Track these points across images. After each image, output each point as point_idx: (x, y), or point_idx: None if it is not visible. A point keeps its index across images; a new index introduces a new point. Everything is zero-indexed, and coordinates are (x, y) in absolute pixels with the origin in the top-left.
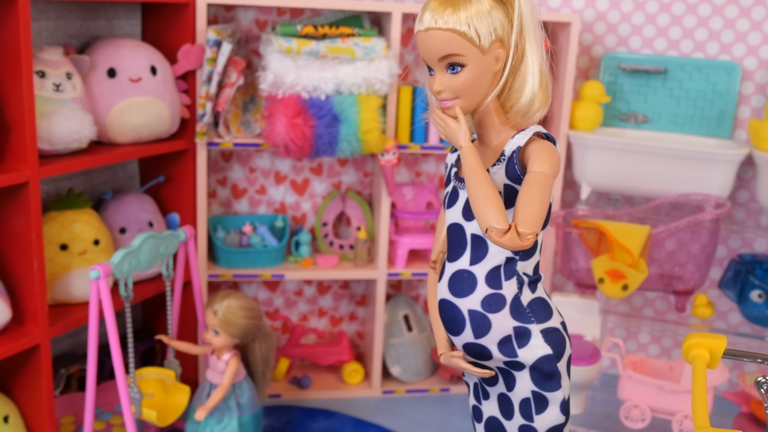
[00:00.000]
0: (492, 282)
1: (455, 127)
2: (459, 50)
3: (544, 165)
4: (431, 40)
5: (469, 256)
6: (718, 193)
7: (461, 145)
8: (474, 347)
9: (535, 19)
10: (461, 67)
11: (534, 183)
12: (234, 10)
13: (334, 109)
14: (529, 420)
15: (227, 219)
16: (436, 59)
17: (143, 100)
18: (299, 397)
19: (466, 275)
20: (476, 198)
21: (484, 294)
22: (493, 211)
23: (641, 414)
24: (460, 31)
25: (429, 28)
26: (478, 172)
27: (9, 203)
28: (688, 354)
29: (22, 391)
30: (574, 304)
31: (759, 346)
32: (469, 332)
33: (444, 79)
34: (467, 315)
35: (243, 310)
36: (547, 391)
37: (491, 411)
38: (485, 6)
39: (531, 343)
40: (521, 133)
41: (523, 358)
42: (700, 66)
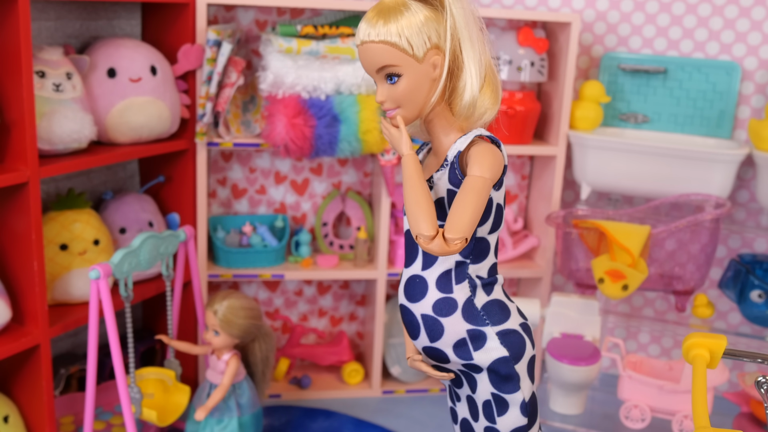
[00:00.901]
0: (442, 286)
1: (397, 136)
2: (393, 61)
3: (483, 168)
4: (367, 53)
5: (421, 262)
6: (718, 193)
7: (403, 152)
8: (431, 351)
9: (471, 22)
10: (398, 77)
11: (468, 187)
12: (234, 10)
13: (334, 109)
14: (491, 422)
15: (227, 219)
16: (374, 71)
17: (143, 100)
18: (299, 397)
19: (418, 280)
20: (409, 205)
21: (435, 298)
22: (423, 217)
23: (641, 414)
24: (391, 42)
25: (363, 41)
26: (414, 180)
27: (9, 203)
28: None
29: (22, 391)
30: (574, 304)
31: (759, 346)
32: (424, 336)
33: (384, 89)
34: (420, 319)
35: (243, 310)
36: (505, 393)
37: (463, 413)
38: (418, 16)
39: (486, 346)
40: (463, 137)
41: (479, 360)
42: (700, 66)
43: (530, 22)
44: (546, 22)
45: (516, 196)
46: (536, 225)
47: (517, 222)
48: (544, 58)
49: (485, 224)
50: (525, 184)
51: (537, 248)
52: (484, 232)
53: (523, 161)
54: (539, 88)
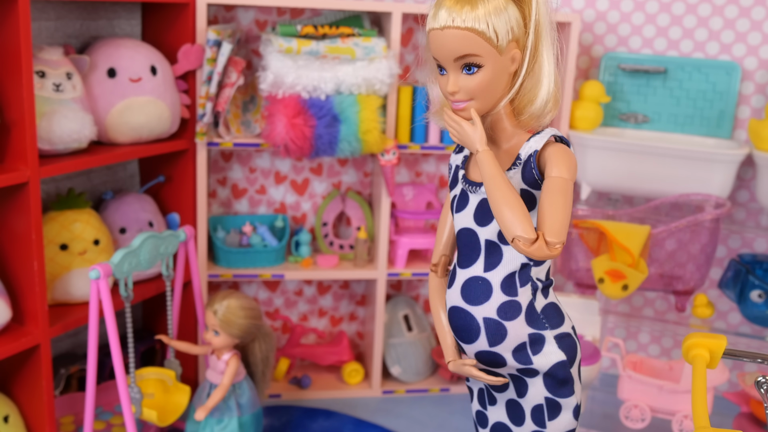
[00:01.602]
0: (507, 289)
1: (471, 131)
2: (477, 50)
3: (563, 170)
4: (447, 39)
5: (483, 263)
6: (718, 193)
7: (478, 149)
8: (488, 355)
9: (551, 19)
10: (478, 68)
11: (556, 189)
12: (234, 10)
13: (334, 109)
14: (541, 426)
15: (227, 219)
16: (451, 59)
17: (143, 100)
18: (299, 397)
19: (481, 282)
20: (499, 206)
21: (500, 301)
22: (519, 220)
23: (641, 414)
24: (478, 30)
25: (446, 26)
26: (499, 179)
27: (9, 203)
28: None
29: (22, 391)
30: (574, 304)
31: (759, 346)
32: (483, 340)
33: (459, 79)
34: (482, 323)
35: (243, 310)
36: (561, 398)
37: (498, 417)
38: (502, 3)
39: (545, 350)
40: (537, 136)
41: (538, 365)
42: (700, 66)
43: None
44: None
45: None
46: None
47: None
48: None
49: None
50: None
51: None
52: None
53: None
54: None
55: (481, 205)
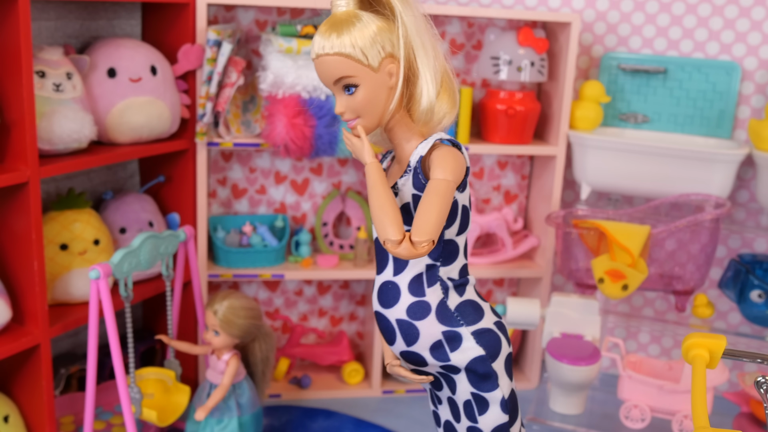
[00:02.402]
0: (415, 290)
1: (359, 145)
2: (349, 72)
3: (445, 171)
4: (323, 66)
5: (392, 268)
6: (718, 193)
7: (365, 161)
8: (409, 355)
9: (423, 29)
10: (355, 87)
11: (431, 190)
12: (234, 10)
13: (334, 108)
14: (473, 421)
15: (227, 219)
16: (331, 83)
17: (143, 100)
18: (299, 397)
19: (391, 286)
20: (375, 211)
21: (409, 302)
22: (389, 222)
23: (641, 414)
24: (346, 53)
25: (318, 54)
26: (377, 187)
27: (9, 203)
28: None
29: (22, 391)
30: (574, 304)
31: (759, 346)
32: (400, 341)
33: (343, 100)
34: (396, 324)
35: (243, 310)
36: (485, 392)
37: (445, 415)
38: (371, 27)
39: (462, 346)
40: (424, 142)
41: (456, 361)
42: (700, 66)
43: (530, 22)
44: (546, 22)
45: (516, 196)
46: (536, 225)
47: (517, 222)
48: (544, 58)
49: (452, 226)
50: (525, 184)
51: (537, 248)
52: (451, 234)
53: (523, 161)
54: (539, 88)
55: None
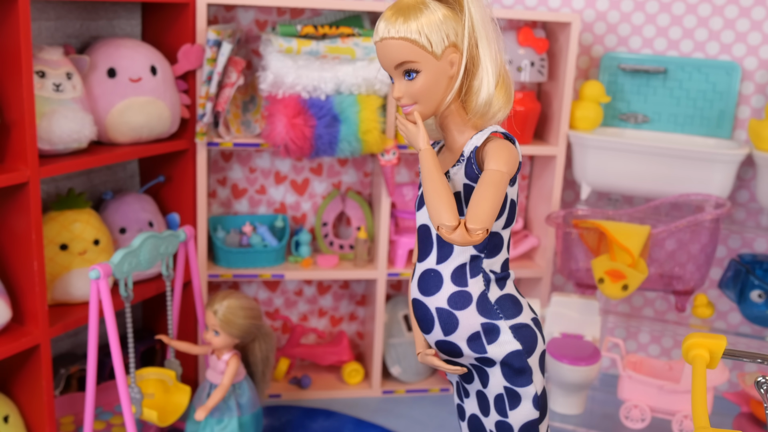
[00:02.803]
0: (457, 280)
1: (414, 131)
2: (412, 57)
3: (499, 163)
4: (386, 49)
5: (435, 256)
6: (718, 193)
7: (420, 147)
8: (445, 344)
9: (488, 22)
10: (416, 73)
11: (487, 181)
12: (234, 10)
13: (334, 109)
14: (503, 416)
15: (227, 219)
16: (392, 67)
17: (143, 100)
18: (299, 397)
19: (433, 274)
20: (429, 197)
21: (450, 292)
22: (444, 208)
23: (641, 414)
24: (411, 39)
25: (383, 38)
26: (432, 173)
27: (9, 203)
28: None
29: (22, 391)
30: (574, 304)
31: (759, 346)
32: (438, 330)
33: (402, 85)
34: (435, 313)
35: (243, 310)
36: (518, 387)
37: (472, 408)
38: (437, 14)
39: (500, 339)
40: (479, 134)
41: (493, 354)
42: (700, 66)
43: (530, 22)
44: (546, 22)
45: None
46: (536, 225)
47: (517, 222)
48: (544, 58)
49: (500, 219)
50: (525, 184)
51: (537, 248)
52: (498, 227)
53: (523, 161)
54: (539, 88)
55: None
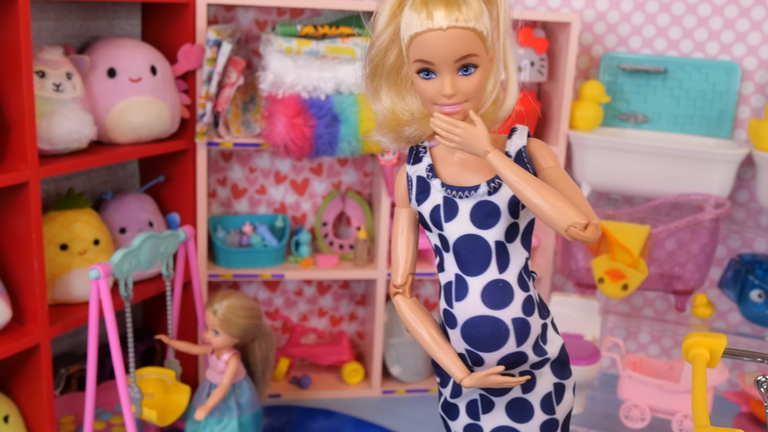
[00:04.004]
0: (523, 285)
1: (474, 133)
2: (476, 50)
3: (552, 160)
4: (446, 40)
5: (496, 265)
6: (718, 193)
7: (486, 149)
8: (513, 357)
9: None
10: (475, 68)
11: (563, 178)
12: (234, 10)
13: (334, 109)
14: (551, 413)
15: (227, 219)
16: (452, 60)
17: (143, 100)
18: (299, 397)
19: (502, 284)
20: (540, 200)
21: (522, 299)
22: (569, 207)
23: (641, 414)
24: (477, 29)
25: (450, 26)
26: (524, 174)
27: (9, 203)
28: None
29: (22, 391)
30: (574, 304)
31: (759, 345)
32: (512, 342)
33: (456, 81)
34: (511, 324)
35: (243, 310)
36: (564, 379)
37: (496, 422)
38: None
39: (549, 337)
40: (516, 133)
41: (551, 352)
42: (700, 66)
43: (530, 22)
44: (546, 22)
45: None
46: (536, 225)
47: None
48: (544, 58)
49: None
50: None
51: (537, 248)
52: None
53: None
54: (539, 88)
55: (477, 208)
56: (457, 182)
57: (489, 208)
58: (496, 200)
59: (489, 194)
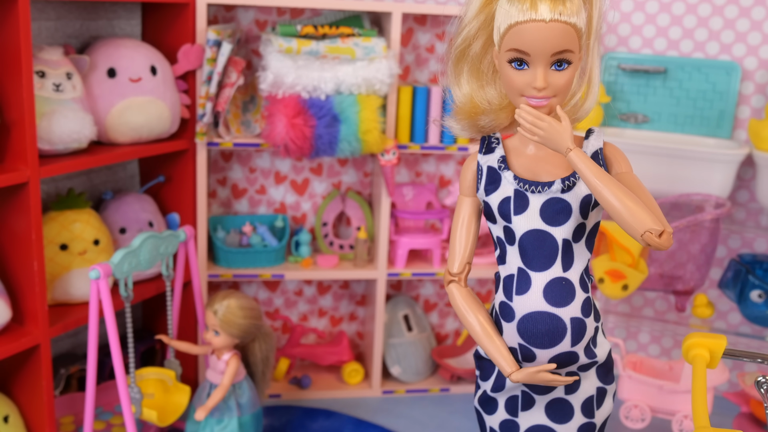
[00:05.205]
0: (584, 286)
1: (561, 129)
2: (573, 46)
3: (627, 165)
4: (551, 33)
5: (560, 263)
6: (718, 193)
7: (569, 146)
8: (565, 356)
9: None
10: (568, 64)
11: (638, 184)
12: (234, 10)
13: (334, 109)
14: (590, 417)
15: (227, 219)
16: (549, 54)
17: (143, 100)
18: (299, 397)
19: (564, 283)
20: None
21: (582, 299)
22: (647, 213)
23: (641, 414)
24: (578, 26)
25: (553, 19)
26: (605, 176)
27: (9, 203)
28: (688, 354)
29: (22, 391)
30: None
31: (759, 346)
32: (567, 341)
33: (548, 75)
34: (569, 323)
35: (243, 310)
36: (607, 384)
37: (534, 420)
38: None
39: (598, 340)
40: (593, 135)
41: (600, 355)
42: (700, 66)
43: None
44: None
45: None
46: None
47: None
48: None
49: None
50: None
51: None
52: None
53: None
54: None
55: (548, 205)
56: (530, 176)
57: (561, 205)
58: (569, 198)
59: (562, 192)
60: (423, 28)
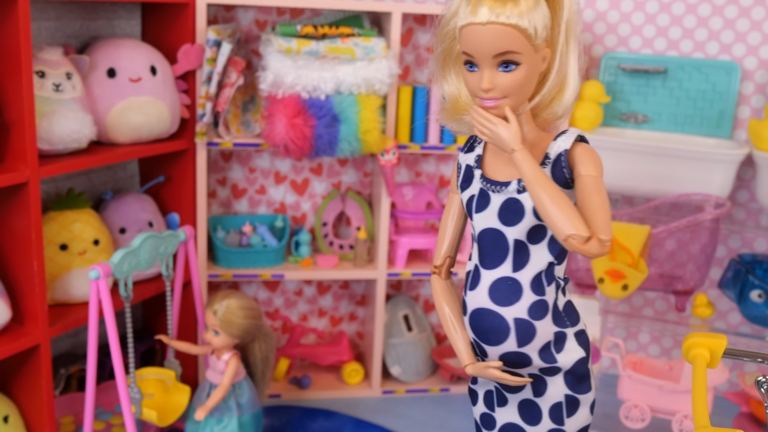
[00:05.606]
0: (536, 288)
1: (506, 129)
2: (517, 48)
3: (597, 168)
4: (487, 35)
5: (511, 263)
6: (718, 193)
7: (514, 148)
8: (514, 356)
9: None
10: (516, 66)
11: (593, 188)
12: (234, 10)
13: (333, 109)
14: (559, 423)
15: (227, 219)
16: (490, 55)
17: (143, 100)
18: (299, 397)
19: (511, 282)
20: (549, 206)
21: (531, 301)
22: (570, 219)
23: (641, 414)
24: (522, 27)
25: (490, 21)
26: (542, 178)
27: (9, 203)
28: (688, 353)
29: (22, 391)
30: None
31: (759, 346)
32: (512, 341)
33: (494, 76)
34: (513, 324)
35: (243, 310)
36: (580, 394)
37: (508, 418)
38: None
39: (566, 347)
40: (563, 136)
41: (562, 362)
42: (700, 66)
43: None
44: None
45: None
46: None
47: None
48: None
49: None
50: None
51: None
52: None
53: None
54: None
55: (506, 205)
56: (494, 176)
57: (516, 206)
58: (523, 199)
59: (518, 192)
60: (423, 28)
